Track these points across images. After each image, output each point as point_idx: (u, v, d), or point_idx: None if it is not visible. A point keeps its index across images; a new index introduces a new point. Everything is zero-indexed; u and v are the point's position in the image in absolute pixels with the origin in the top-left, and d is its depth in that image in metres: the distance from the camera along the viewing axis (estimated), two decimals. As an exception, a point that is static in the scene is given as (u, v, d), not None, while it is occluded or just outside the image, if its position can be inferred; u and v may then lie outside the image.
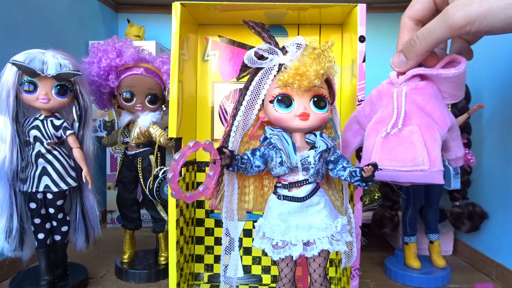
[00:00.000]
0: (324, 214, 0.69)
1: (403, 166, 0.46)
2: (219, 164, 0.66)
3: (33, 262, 1.14)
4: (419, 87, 0.46)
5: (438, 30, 0.40)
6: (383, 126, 0.47)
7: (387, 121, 0.47)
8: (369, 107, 0.51)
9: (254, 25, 0.71)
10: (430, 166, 0.44)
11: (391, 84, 0.48)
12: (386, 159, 0.47)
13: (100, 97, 1.14)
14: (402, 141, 0.46)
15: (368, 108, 0.51)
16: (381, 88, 0.50)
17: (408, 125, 0.46)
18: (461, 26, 0.37)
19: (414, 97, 0.46)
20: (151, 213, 1.20)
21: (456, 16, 0.37)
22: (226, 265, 0.77)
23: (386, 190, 1.22)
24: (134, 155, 1.16)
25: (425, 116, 0.45)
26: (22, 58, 0.90)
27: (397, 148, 0.46)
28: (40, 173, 0.95)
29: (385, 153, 0.47)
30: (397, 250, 1.26)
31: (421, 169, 0.44)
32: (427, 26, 0.41)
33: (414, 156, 0.44)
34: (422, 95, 0.45)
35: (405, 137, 0.46)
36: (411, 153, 0.45)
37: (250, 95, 0.70)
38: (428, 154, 0.44)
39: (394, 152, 0.46)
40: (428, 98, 0.45)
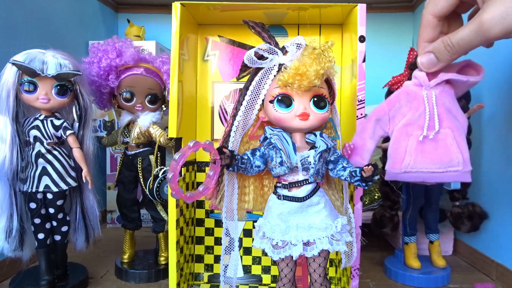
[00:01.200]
0: (324, 214, 0.69)
1: (438, 168, 0.47)
2: (219, 164, 0.66)
3: (33, 262, 1.14)
4: (446, 89, 0.47)
5: (474, 40, 0.42)
6: (415, 129, 0.48)
7: (419, 124, 0.48)
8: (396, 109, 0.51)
9: (254, 25, 0.71)
10: (464, 166, 0.45)
11: (420, 86, 0.49)
12: (422, 162, 0.48)
13: (100, 97, 1.14)
14: (437, 144, 0.47)
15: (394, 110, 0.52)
16: (410, 90, 0.50)
17: (441, 128, 0.47)
18: (498, 38, 0.39)
19: (443, 100, 0.47)
20: (151, 213, 1.20)
21: (494, 30, 0.39)
22: (226, 265, 0.77)
23: (386, 190, 1.22)
24: (134, 155, 1.16)
25: (453, 119, 0.47)
26: (22, 58, 0.90)
27: (433, 151, 0.47)
28: (40, 173, 0.95)
29: (421, 156, 0.48)
30: (397, 250, 1.26)
31: (456, 169, 0.46)
32: (463, 35, 0.42)
33: (450, 158, 0.46)
34: (448, 97, 0.47)
35: (440, 140, 0.47)
36: (447, 156, 0.47)
37: (250, 95, 0.70)
38: (462, 154, 0.46)
39: (430, 155, 0.47)
40: (453, 100, 0.47)
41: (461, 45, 0.42)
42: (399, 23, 1.85)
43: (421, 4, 1.74)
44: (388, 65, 1.53)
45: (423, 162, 0.48)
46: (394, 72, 1.16)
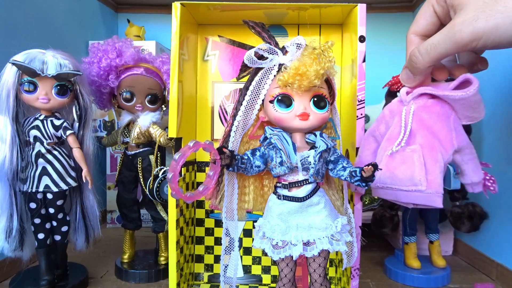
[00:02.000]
0: (324, 214, 0.69)
1: (402, 185, 0.45)
2: (219, 164, 0.66)
3: (33, 262, 1.14)
4: (427, 105, 0.45)
5: (443, 45, 0.39)
6: (390, 144, 0.47)
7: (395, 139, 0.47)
8: (384, 126, 0.51)
9: (254, 25, 0.71)
10: (427, 187, 0.43)
11: (401, 102, 0.48)
12: (388, 177, 0.47)
13: (100, 97, 1.14)
14: (404, 159, 0.45)
15: (383, 127, 0.51)
16: (392, 107, 0.49)
17: (412, 144, 0.45)
18: (468, 42, 0.37)
19: (422, 115, 0.45)
20: (151, 213, 1.20)
21: (463, 33, 0.36)
22: (226, 265, 0.77)
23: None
24: (134, 155, 1.16)
25: (429, 136, 0.44)
26: (22, 58, 0.90)
27: (399, 167, 0.45)
28: (40, 173, 0.95)
29: (388, 171, 0.47)
30: (397, 250, 1.26)
31: (419, 189, 0.44)
32: (431, 41, 0.40)
33: (412, 175, 0.44)
34: (429, 113, 0.44)
35: (407, 156, 0.45)
36: (410, 172, 0.44)
37: (250, 95, 0.70)
38: (426, 174, 0.43)
39: (396, 170, 0.46)
40: (436, 117, 0.44)
41: (428, 50, 0.41)
42: (399, 23, 1.85)
43: (421, 4, 1.74)
44: (388, 65, 1.53)
45: (389, 177, 0.47)
46: (394, 72, 1.16)
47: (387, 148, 0.47)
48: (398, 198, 0.46)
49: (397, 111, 0.48)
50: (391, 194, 0.47)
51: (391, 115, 0.49)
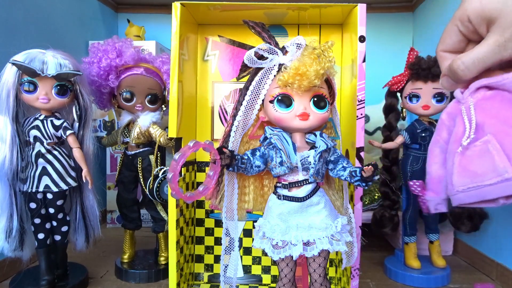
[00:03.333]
0: (324, 214, 0.69)
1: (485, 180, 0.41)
2: (219, 164, 0.66)
3: (33, 262, 1.14)
4: (487, 96, 0.42)
5: (490, 59, 0.39)
6: (458, 144, 0.44)
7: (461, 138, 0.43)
8: (446, 131, 0.47)
9: (254, 25, 0.71)
10: None
11: (458, 102, 0.45)
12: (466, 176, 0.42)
13: (100, 97, 1.14)
14: (479, 153, 0.42)
15: (445, 133, 0.48)
16: (450, 110, 0.46)
17: (481, 137, 0.42)
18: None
19: (484, 107, 0.42)
20: (151, 213, 1.20)
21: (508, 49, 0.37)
22: (226, 265, 0.77)
23: (386, 190, 1.22)
24: (134, 155, 1.16)
25: (498, 124, 0.41)
26: (22, 58, 0.90)
27: (475, 162, 0.42)
28: (40, 173, 0.95)
29: (463, 171, 0.43)
30: (397, 250, 1.26)
31: (505, 178, 0.40)
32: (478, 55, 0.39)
33: (493, 166, 0.40)
34: (491, 103, 0.42)
35: (481, 149, 0.41)
36: (489, 164, 0.40)
37: (250, 95, 0.70)
38: (510, 160, 0.40)
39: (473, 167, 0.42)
40: (499, 105, 0.41)
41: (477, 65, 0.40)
42: (399, 23, 1.85)
43: (421, 4, 1.74)
44: (388, 65, 1.53)
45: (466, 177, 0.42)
46: (394, 72, 1.16)
47: (455, 149, 0.44)
48: (485, 196, 0.42)
49: (455, 112, 0.46)
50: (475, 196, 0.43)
51: (450, 118, 0.47)
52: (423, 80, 1.07)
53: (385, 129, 1.20)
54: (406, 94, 1.12)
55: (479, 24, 0.39)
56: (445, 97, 1.07)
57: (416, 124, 1.12)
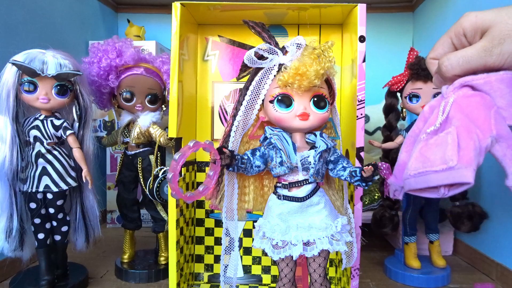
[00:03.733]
0: (324, 214, 0.69)
1: (433, 165, 0.42)
2: (219, 164, 0.66)
3: (33, 262, 1.14)
4: (467, 95, 0.44)
5: (474, 62, 0.42)
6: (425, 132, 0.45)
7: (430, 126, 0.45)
8: (423, 122, 0.49)
9: (254, 25, 0.71)
10: (458, 161, 0.40)
11: (442, 98, 0.47)
12: (420, 161, 0.44)
13: (100, 97, 1.14)
14: (438, 142, 0.43)
15: (421, 124, 0.49)
16: (433, 103, 0.48)
17: (447, 128, 0.44)
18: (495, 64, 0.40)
19: (460, 103, 0.44)
20: (151, 213, 1.20)
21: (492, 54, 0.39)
22: (226, 265, 0.77)
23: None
24: (134, 155, 1.16)
25: (466, 120, 0.43)
26: (22, 58, 0.90)
27: (431, 150, 0.43)
28: (40, 173, 0.95)
29: (420, 156, 0.45)
30: (397, 250, 1.26)
31: (449, 166, 0.41)
32: (465, 54, 0.42)
33: (443, 153, 0.41)
34: (468, 102, 0.43)
35: (441, 138, 0.43)
36: (441, 152, 0.42)
37: (250, 95, 0.70)
38: (458, 151, 0.41)
39: (428, 153, 0.43)
40: (475, 105, 0.43)
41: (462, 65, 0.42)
42: (399, 23, 1.85)
43: (421, 4, 1.74)
44: (388, 65, 1.54)
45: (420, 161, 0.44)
46: (394, 72, 1.16)
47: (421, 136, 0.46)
48: (429, 182, 0.43)
49: (436, 105, 0.47)
50: (422, 181, 0.44)
51: (430, 110, 0.48)
52: (423, 80, 1.07)
53: (385, 129, 1.20)
54: (406, 94, 1.12)
55: (474, 35, 0.41)
56: (445, 97, 1.07)
57: (416, 124, 1.12)
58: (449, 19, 1.48)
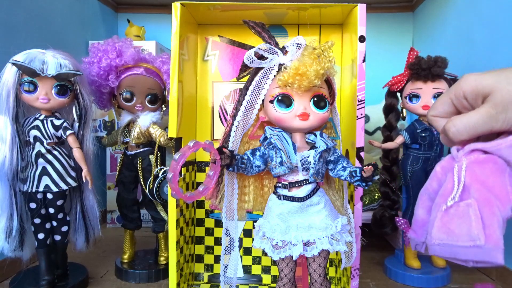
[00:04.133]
0: (324, 214, 0.69)
1: (459, 240, 0.44)
2: (219, 164, 0.66)
3: (33, 262, 1.14)
4: (479, 160, 0.44)
5: (481, 128, 0.42)
6: (444, 200, 0.46)
7: (448, 194, 0.46)
8: (436, 182, 0.50)
9: (254, 25, 0.71)
10: (486, 241, 0.41)
11: (452, 159, 0.47)
12: (444, 232, 0.45)
13: (100, 97, 1.14)
14: (460, 214, 0.44)
15: (435, 183, 0.50)
16: (443, 164, 0.49)
17: (466, 198, 0.44)
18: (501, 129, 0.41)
19: (474, 170, 0.44)
20: (151, 213, 1.20)
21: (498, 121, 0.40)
22: (226, 265, 0.77)
23: (386, 190, 1.22)
24: (134, 155, 1.16)
25: (483, 190, 0.43)
26: (22, 58, 0.90)
27: (455, 222, 0.44)
28: (40, 173, 0.95)
29: (444, 227, 0.46)
30: (397, 250, 1.26)
31: (477, 244, 0.42)
32: (471, 121, 0.43)
33: (469, 230, 0.42)
34: (482, 168, 0.44)
35: (462, 210, 0.44)
36: (466, 227, 0.43)
37: (250, 95, 0.70)
38: (484, 229, 0.42)
39: (451, 226, 0.44)
40: (489, 171, 0.43)
41: (469, 131, 0.43)
42: (399, 23, 1.85)
43: (421, 4, 1.74)
44: (388, 65, 1.53)
45: (444, 233, 0.45)
46: (394, 72, 1.16)
47: (441, 204, 0.47)
48: (456, 255, 0.45)
49: (449, 167, 0.47)
50: (448, 252, 0.45)
51: (443, 172, 0.49)
52: (423, 80, 1.07)
53: (385, 129, 1.20)
54: (406, 94, 1.12)
55: (475, 99, 0.42)
56: (445, 97, 1.07)
57: (416, 124, 1.12)
58: (449, 19, 1.48)
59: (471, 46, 1.30)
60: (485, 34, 1.22)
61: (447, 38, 1.49)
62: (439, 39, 1.57)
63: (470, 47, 1.31)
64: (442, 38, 1.54)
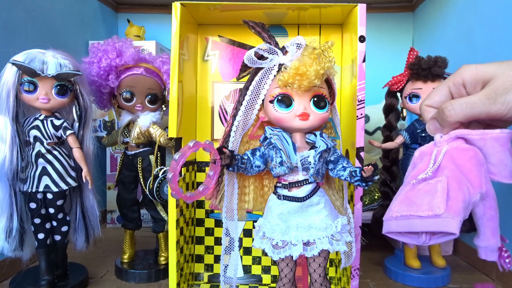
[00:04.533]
0: (324, 214, 0.69)
1: (418, 210, 0.42)
2: (219, 164, 0.66)
3: (33, 262, 1.14)
4: (461, 147, 0.44)
5: (478, 108, 0.42)
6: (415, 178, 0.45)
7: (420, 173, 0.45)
8: (412, 167, 0.49)
9: (254, 25, 0.71)
10: (445, 210, 0.40)
11: (434, 145, 0.47)
12: (405, 204, 0.44)
13: (100, 97, 1.14)
14: (427, 188, 0.43)
15: (411, 168, 0.49)
16: (423, 149, 0.48)
17: (438, 176, 0.44)
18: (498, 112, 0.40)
19: (453, 154, 0.44)
20: (151, 213, 1.20)
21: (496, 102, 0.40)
22: (226, 265, 0.77)
23: (386, 190, 1.22)
24: (134, 155, 1.16)
25: (457, 171, 0.43)
26: (22, 58, 0.90)
27: (419, 195, 0.43)
28: (40, 173, 0.95)
29: (405, 199, 0.45)
30: (397, 250, 1.26)
31: (436, 213, 0.41)
32: (468, 100, 0.43)
33: (431, 200, 0.41)
34: (462, 154, 0.43)
35: (431, 185, 0.43)
36: (429, 198, 0.42)
37: (250, 95, 0.70)
38: (447, 200, 0.41)
39: (414, 198, 0.43)
40: (468, 159, 0.43)
41: (465, 110, 0.43)
42: (399, 23, 1.85)
43: (421, 4, 1.74)
44: (388, 65, 1.53)
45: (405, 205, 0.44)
46: (394, 72, 1.16)
47: (409, 182, 0.46)
48: (411, 227, 0.43)
49: (427, 151, 0.47)
50: (404, 225, 0.44)
51: (420, 156, 0.48)
52: (423, 80, 1.07)
53: (385, 129, 1.20)
54: (406, 94, 1.12)
55: (474, 86, 0.42)
56: (445, 97, 1.07)
57: (416, 124, 1.12)
58: (449, 19, 1.48)
59: (471, 46, 1.30)
60: (485, 34, 1.22)
61: (447, 38, 1.49)
62: (439, 39, 1.57)
63: (470, 47, 1.31)
64: (442, 38, 1.55)
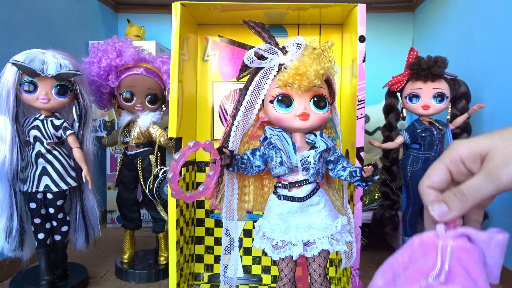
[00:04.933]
0: (324, 214, 0.69)
1: None
2: (219, 164, 0.66)
3: (33, 262, 1.14)
4: (466, 247, 0.44)
5: (485, 188, 0.42)
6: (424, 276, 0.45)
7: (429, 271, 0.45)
8: (408, 255, 0.48)
9: (254, 25, 0.71)
10: None
11: (436, 236, 0.46)
12: None
13: (100, 97, 1.14)
14: None
15: (406, 256, 0.48)
16: (425, 239, 0.47)
17: (451, 282, 0.43)
18: (506, 184, 0.40)
19: (460, 256, 0.44)
20: (151, 213, 1.20)
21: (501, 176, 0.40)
22: (226, 265, 0.77)
23: (386, 190, 1.22)
24: (134, 155, 1.16)
25: (469, 279, 0.43)
26: (22, 58, 0.90)
27: None
28: (40, 173, 0.95)
29: None
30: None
31: None
32: (473, 184, 0.43)
33: None
34: (468, 257, 0.43)
35: None
36: None
37: (250, 95, 0.70)
38: None
39: None
40: (474, 262, 0.43)
41: (471, 192, 0.43)
42: (399, 23, 1.85)
43: (421, 4, 1.74)
44: (388, 65, 1.53)
45: None
46: (394, 72, 1.16)
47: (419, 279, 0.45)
48: None
49: (430, 244, 0.46)
50: None
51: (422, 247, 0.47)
52: (423, 80, 1.07)
53: (385, 129, 1.20)
54: (406, 94, 1.12)
55: (474, 161, 0.42)
56: (445, 97, 1.07)
57: (416, 124, 1.12)
58: (449, 19, 1.48)
59: (471, 46, 1.30)
60: (485, 34, 1.22)
61: (447, 38, 1.49)
62: (439, 39, 1.57)
63: (470, 47, 1.31)
64: (442, 38, 1.54)
